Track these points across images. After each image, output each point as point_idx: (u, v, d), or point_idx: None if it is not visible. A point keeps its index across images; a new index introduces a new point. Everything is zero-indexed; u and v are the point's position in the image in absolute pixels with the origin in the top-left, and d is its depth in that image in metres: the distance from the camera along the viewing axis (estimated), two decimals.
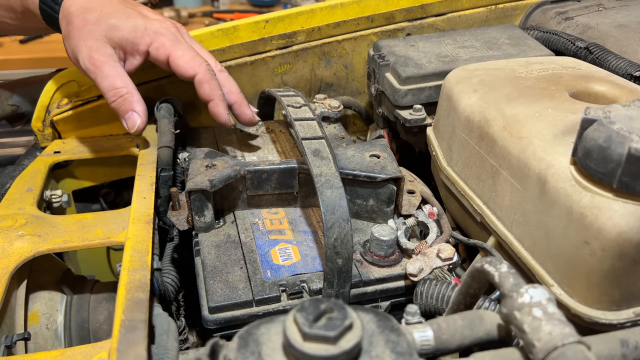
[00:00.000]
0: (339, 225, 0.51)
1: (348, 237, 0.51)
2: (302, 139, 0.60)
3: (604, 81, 0.64)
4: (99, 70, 0.66)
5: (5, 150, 1.32)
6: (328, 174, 0.55)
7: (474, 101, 0.63)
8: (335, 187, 0.53)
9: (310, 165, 0.56)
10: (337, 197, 0.52)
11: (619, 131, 0.42)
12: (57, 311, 0.62)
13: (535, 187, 0.51)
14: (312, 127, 0.63)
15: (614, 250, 0.44)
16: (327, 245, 0.51)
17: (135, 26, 0.69)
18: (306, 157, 0.57)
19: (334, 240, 0.50)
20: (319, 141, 0.60)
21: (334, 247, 0.50)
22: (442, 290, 0.52)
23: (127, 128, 0.69)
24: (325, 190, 0.53)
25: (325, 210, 0.51)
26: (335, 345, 0.33)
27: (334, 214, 0.51)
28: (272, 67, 0.91)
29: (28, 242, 0.57)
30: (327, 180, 0.54)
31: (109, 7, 0.70)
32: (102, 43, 0.67)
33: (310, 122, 0.64)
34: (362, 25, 0.92)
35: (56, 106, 0.83)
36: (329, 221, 0.51)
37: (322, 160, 0.57)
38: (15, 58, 1.85)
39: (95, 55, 0.66)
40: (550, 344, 0.33)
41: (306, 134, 0.61)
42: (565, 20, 0.90)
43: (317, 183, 0.54)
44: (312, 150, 0.58)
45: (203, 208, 0.61)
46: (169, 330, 0.46)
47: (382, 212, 0.64)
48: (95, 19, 0.68)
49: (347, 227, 0.51)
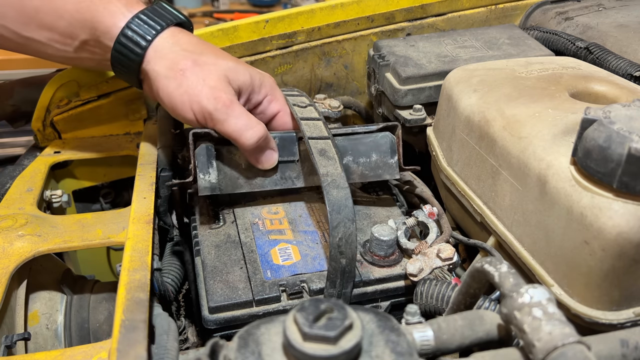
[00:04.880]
0: (344, 225, 0.51)
1: (353, 237, 0.51)
2: (308, 138, 0.60)
3: (604, 81, 0.64)
4: (231, 110, 0.59)
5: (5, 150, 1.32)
6: (334, 174, 0.55)
7: (474, 101, 0.63)
8: (341, 187, 0.53)
9: (317, 164, 0.56)
10: (343, 197, 0.53)
11: (619, 131, 0.42)
12: (57, 311, 0.62)
13: (535, 187, 0.51)
14: (318, 127, 0.63)
15: (614, 250, 0.44)
16: (331, 244, 0.51)
17: (252, 74, 0.64)
18: (312, 156, 0.58)
19: (339, 240, 0.51)
20: (325, 141, 0.60)
21: (338, 247, 0.51)
22: (442, 290, 0.52)
23: (261, 165, 0.63)
24: (332, 189, 0.53)
25: (331, 209, 0.51)
26: (335, 345, 0.33)
27: (339, 213, 0.51)
28: (272, 67, 0.91)
29: (28, 242, 0.57)
30: (333, 180, 0.54)
31: (217, 51, 0.65)
32: (226, 84, 0.61)
33: (317, 122, 0.64)
34: (362, 25, 0.92)
35: (56, 106, 0.83)
36: (335, 220, 0.51)
37: (329, 160, 0.57)
38: (15, 58, 1.85)
39: (223, 95, 0.59)
40: (550, 344, 0.33)
41: (312, 134, 0.61)
42: (565, 20, 0.90)
43: (324, 182, 0.54)
44: (318, 149, 0.59)
45: (208, 165, 0.60)
46: (169, 330, 0.46)
47: (387, 165, 0.65)
48: (212, 61, 0.62)
49: (352, 227, 0.51)
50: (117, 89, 0.84)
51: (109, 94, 0.84)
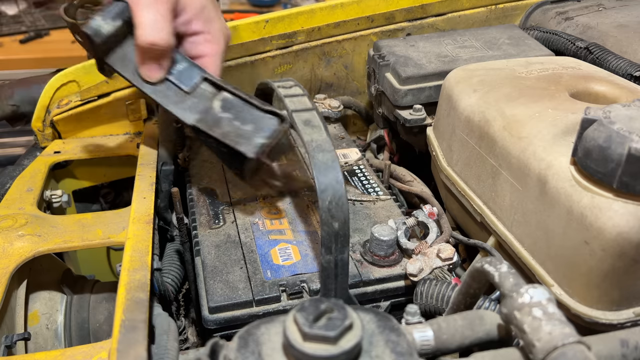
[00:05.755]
0: (332, 187, 0.49)
1: (343, 199, 0.49)
2: (292, 110, 0.59)
3: (604, 81, 0.64)
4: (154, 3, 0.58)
5: (5, 150, 1.32)
6: (319, 139, 0.54)
7: (474, 101, 0.63)
8: (326, 150, 0.52)
9: (301, 133, 0.55)
10: (330, 159, 0.51)
11: (619, 131, 0.42)
12: (57, 311, 0.62)
13: (536, 187, 0.51)
14: (302, 102, 0.61)
15: (614, 250, 0.44)
16: (321, 208, 0.49)
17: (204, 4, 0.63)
18: (297, 126, 0.56)
19: (329, 203, 0.49)
20: (310, 112, 0.59)
21: (329, 211, 0.49)
22: (442, 290, 0.52)
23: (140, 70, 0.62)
24: (317, 154, 0.51)
25: (318, 173, 0.50)
26: (335, 345, 0.33)
27: (326, 176, 0.50)
28: (272, 67, 0.91)
29: (28, 242, 0.57)
30: (319, 145, 0.53)
31: None
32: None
33: (301, 97, 0.62)
34: (362, 25, 0.92)
35: (56, 106, 0.83)
36: (322, 184, 0.49)
37: (313, 129, 0.56)
38: (15, 58, 1.85)
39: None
40: (550, 344, 0.33)
41: (296, 107, 0.60)
42: (565, 20, 0.90)
43: (309, 148, 0.52)
44: (302, 120, 0.57)
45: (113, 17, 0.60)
46: (169, 330, 0.46)
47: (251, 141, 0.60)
48: None
49: (341, 189, 0.49)
50: (117, 89, 0.84)
51: (109, 93, 0.84)
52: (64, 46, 1.90)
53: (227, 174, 0.75)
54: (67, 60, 0.71)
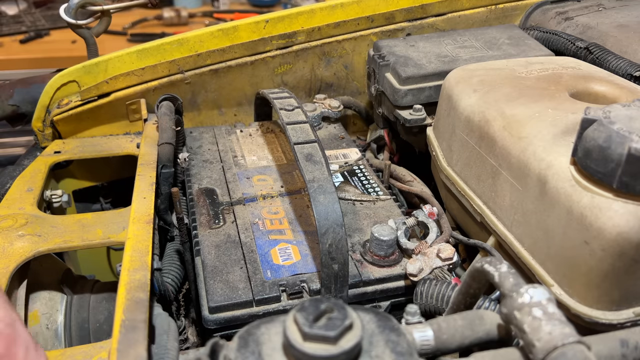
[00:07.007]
0: (332, 230, 0.51)
1: (342, 242, 0.51)
2: (294, 143, 0.60)
3: (604, 81, 0.64)
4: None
5: (5, 150, 1.32)
6: (321, 179, 0.55)
7: (474, 101, 0.63)
8: (328, 192, 0.53)
9: (303, 170, 0.56)
10: (330, 202, 0.52)
11: (619, 131, 0.42)
12: (57, 311, 0.62)
13: (536, 187, 0.51)
14: (304, 131, 0.63)
15: (614, 250, 0.44)
16: (322, 251, 0.51)
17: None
18: (298, 162, 0.58)
19: (329, 246, 0.51)
20: (311, 145, 0.60)
21: (329, 253, 0.51)
22: (442, 290, 0.52)
23: None
24: (318, 196, 0.53)
25: (319, 216, 0.51)
26: (335, 345, 0.33)
27: (327, 219, 0.51)
28: (272, 67, 0.91)
29: (28, 242, 0.57)
30: (320, 185, 0.54)
31: None
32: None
33: (303, 125, 0.64)
34: (362, 25, 0.92)
35: (56, 106, 0.83)
36: (323, 227, 0.51)
37: (315, 165, 0.57)
38: (15, 58, 1.85)
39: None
40: (550, 344, 0.33)
41: (298, 139, 0.61)
42: (565, 20, 0.90)
43: (310, 189, 0.54)
44: (304, 154, 0.59)
45: None
46: (169, 330, 0.46)
47: None
48: None
49: (341, 232, 0.51)
50: (117, 89, 0.84)
51: (109, 94, 0.84)
52: (64, 46, 1.90)
53: (227, 173, 0.75)
54: (67, 60, 0.71)
